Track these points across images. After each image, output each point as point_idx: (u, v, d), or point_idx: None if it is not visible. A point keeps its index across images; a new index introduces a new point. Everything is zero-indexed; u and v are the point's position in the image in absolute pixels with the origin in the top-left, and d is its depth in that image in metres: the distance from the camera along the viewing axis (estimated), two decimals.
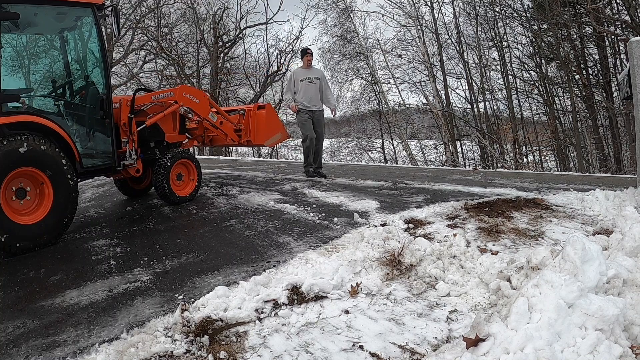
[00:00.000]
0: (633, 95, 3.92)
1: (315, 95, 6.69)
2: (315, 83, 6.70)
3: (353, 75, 21.42)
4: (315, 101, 6.69)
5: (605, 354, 1.65)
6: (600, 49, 14.76)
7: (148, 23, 19.87)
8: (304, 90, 6.67)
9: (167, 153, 5.27)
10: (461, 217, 3.83)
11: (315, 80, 6.71)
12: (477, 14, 18.16)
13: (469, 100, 19.22)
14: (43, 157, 3.90)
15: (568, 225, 3.59)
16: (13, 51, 4.88)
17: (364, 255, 3.10)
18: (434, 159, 19.95)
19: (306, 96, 6.66)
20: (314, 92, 6.68)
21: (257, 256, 3.26)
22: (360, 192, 5.17)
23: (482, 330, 1.79)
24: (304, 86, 6.67)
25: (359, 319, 2.42)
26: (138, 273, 3.16)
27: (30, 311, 2.69)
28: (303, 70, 6.82)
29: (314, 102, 6.66)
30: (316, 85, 6.71)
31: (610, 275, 2.01)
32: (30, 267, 3.48)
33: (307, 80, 6.68)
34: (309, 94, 6.66)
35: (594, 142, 16.18)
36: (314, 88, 6.70)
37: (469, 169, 13.11)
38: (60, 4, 4.38)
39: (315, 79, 6.73)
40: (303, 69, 6.85)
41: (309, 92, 6.67)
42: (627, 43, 3.98)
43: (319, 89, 6.75)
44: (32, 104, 4.63)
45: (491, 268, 2.80)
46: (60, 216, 4.03)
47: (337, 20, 21.07)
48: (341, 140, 24.60)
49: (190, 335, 2.25)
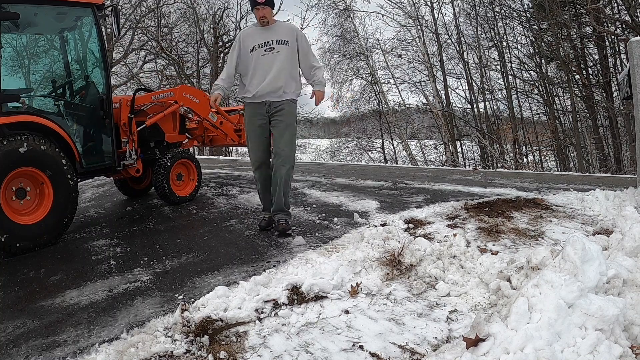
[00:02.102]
0: (633, 95, 3.92)
1: (278, 74, 3.71)
2: (279, 52, 3.72)
3: (353, 75, 21.42)
4: (275, 84, 3.70)
5: (605, 354, 1.65)
6: (600, 49, 14.76)
7: (148, 23, 19.88)
8: (256, 66, 3.73)
9: (167, 153, 5.27)
10: (461, 217, 3.83)
11: (277, 46, 3.73)
12: (477, 14, 18.17)
13: (469, 100, 19.25)
14: (43, 157, 3.90)
15: (568, 225, 3.59)
16: (13, 51, 4.88)
17: (364, 255, 3.10)
18: (434, 159, 19.96)
19: (258, 78, 3.73)
20: (276, 68, 3.70)
21: (257, 256, 3.26)
22: (360, 192, 5.17)
23: (482, 330, 1.79)
24: (255, 60, 3.74)
25: (359, 319, 2.42)
26: (138, 273, 3.16)
27: (30, 311, 2.69)
28: (255, 32, 3.81)
29: (272, 86, 3.71)
30: (280, 55, 3.71)
31: (610, 275, 2.01)
32: (30, 267, 3.48)
33: (262, 49, 3.73)
34: (264, 74, 3.71)
35: (594, 142, 16.18)
36: (276, 61, 3.71)
37: (469, 169, 13.11)
38: (60, 4, 4.38)
39: (278, 44, 3.73)
40: (256, 29, 3.83)
41: (265, 71, 3.71)
42: (627, 43, 3.98)
43: (286, 61, 3.74)
44: (32, 104, 4.63)
45: (491, 268, 2.80)
46: (60, 216, 4.03)
47: (337, 20, 21.09)
48: (341, 140, 24.61)
49: (190, 335, 2.25)
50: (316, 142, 27.09)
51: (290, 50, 3.77)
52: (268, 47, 3.73)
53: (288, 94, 3.77)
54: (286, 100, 3.76)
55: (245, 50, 3.79)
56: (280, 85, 3.72)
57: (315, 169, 8.83)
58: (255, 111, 3.80)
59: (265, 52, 3.73)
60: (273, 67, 3.71)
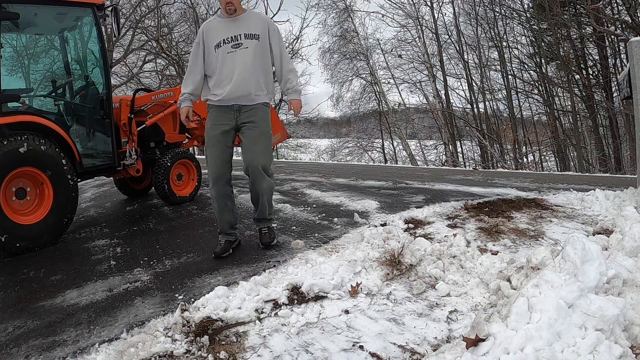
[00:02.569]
0: (633, 95, 3.92)
1: (248, 75, 3.17)
2: (248, 49, 3.17)
3: (353, 75, 21.46)
4: (245, 86, 3.17)
5: (605, 354, 1.65)
6: (600, 49, 14.77)
7: (148, 23, 19.87)
8: (221, 66, 3.19)
9: (167, 153, 5.27)
10: (461, 217, 3.83)
11: (246, 41, 3.18)
12: (477, 14, 18.19)
13: (469, 100, 19.26)
14: (43, 157, 3.90)
15: (568, 225, 3.59)
16: (13, 51, 4.88)
17: (364, 255, 3.10)
18: (434, 159, 19.98)
19: (225, 80, 3.18)
20: (245, 68, 3.16)
21: (257, 256, 3.26)
22: (360, 192, 5.17)
23: (482, 330, 1.79)
24: (221, 59, 3.18)
25: (359, 319, 2.41)
26: (138, 273, 3.16)
27: (30, 311, 2.69)
28: (219, 25, 3.24)
29: (242, 89, 3.17)
30: (249, 52, 3.17)
31: (610, 275, 2.01)
32: (30, 267, 3.48)
33: (228, 45, 3.17)
34: (230, 74, 3.17)
35: (594, 142, 16.19)
36: (245, 60, 3.16)
37: (469, 169, 13.11)
38: (60, 4, 4.38)
39: (247, 38, 3.18)
40: (221, 20, 3.26)
41: (232, 71, 3.16)
42: (627, 43, 3.98)
43: (257, 58, 3.20)
44: (32, 104, 4.63)
45: (491, 268, 2.80)
46: (60, 216, 4.04)
47: (337, 20, 21.11)
48: (341, 140, 24.62)
49: (190, 335, 2.25)
50: (316, 142, 27.10)
51: (261, 46, 3.20)
52: (235, 42, 3.13)
53: (261, 97, 3.25)
54: (259, 105, 3.24)
55: (209, 48, 3.20)
56: (251, 88, 3.18)
57: (315, 169, 8.83)
58: (220, 115, 3.23)
59: (232, 49, 3.14)
60: (242, 66, 3.14)
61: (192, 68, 3.29)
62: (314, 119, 24.56)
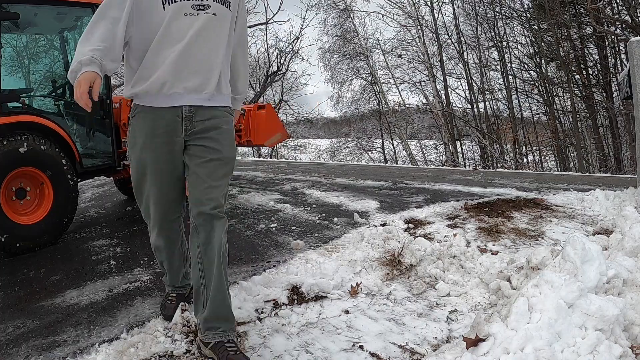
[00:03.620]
0: (633, 95, 3.92)
1: (212, 54, 1.94)
2: (216, 16, 1.92)
3: (353, 75, 21.46)
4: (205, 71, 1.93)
5: (605, 354, 1.65)
6: (600, 49, 14.77)
7: None
8: (170, 33, 1.87)
9: None
10: (461, 217, 3.83)
11: (215, 4, 1.92)
12: (477, 14, 18.18)
13: (469, 100, 19.25)
14: (43, 157, 3.90)
15: (568, 225, 3.59)
16: (13, 51, 4.88)
17: (364, 255, 3.10)
18: (434, 159, 19.98)
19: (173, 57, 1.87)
20: (209, 41, 1.92)
21: (257, 256, 3.26)
22: (360, 192, 5.17)
23: (482, 330, 1.79)
24: (170, 21, 1.86)
25: (359, 319, 2.42)
26: (138, 273, 3.16)
27: (30, 311, 2.69)
28: None
29: (200, 76, 1.92)
30: (217, 21, 1.93)
31: (610, 275, 2.01)
32: (30, 267, 3.48)
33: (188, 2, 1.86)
34: (186, 49, 1.87)
35: (594, 142, 16.18)
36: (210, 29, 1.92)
37: (469, 169, 13.11)
38: (60, 4, 4.37)
39: (217, 1, 1.93)
40: None
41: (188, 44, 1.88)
42: (627, 43, 3.98)
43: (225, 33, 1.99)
44: (32, 104, 4.63)
45: (491, 268, 2.80)
46: (60, 216, 4.03)
47: (337, 20, 21.11)
48: (341, 140, 24.63)
49: (190, 335, 2.25)
50: (316, 142, 27.12)
51: (230, 20, 2.01)
52: (199, 1, 1.88)
53: (224, 95, 2.06)
54: (220, 108, 2.03)
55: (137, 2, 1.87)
56: (213, 75, 1.96)
57: (315, 169, 8.83)
58: (159, 124, 1.95)
59: (193, 11, 1.87)
60: (205, 41, 1.92)
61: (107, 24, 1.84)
62: (314, 119, 24.59)
